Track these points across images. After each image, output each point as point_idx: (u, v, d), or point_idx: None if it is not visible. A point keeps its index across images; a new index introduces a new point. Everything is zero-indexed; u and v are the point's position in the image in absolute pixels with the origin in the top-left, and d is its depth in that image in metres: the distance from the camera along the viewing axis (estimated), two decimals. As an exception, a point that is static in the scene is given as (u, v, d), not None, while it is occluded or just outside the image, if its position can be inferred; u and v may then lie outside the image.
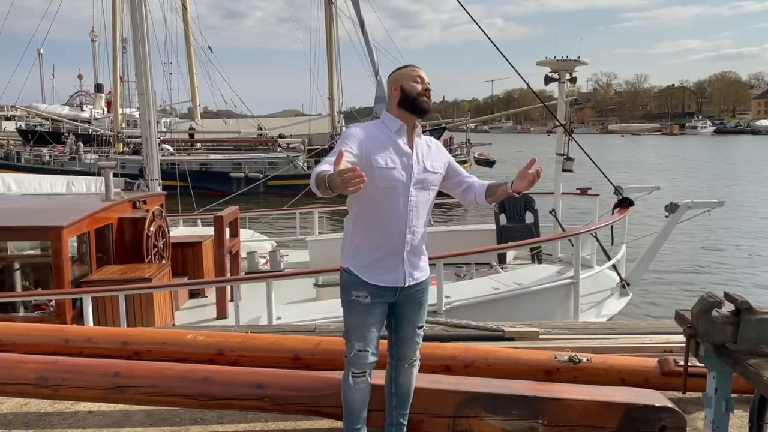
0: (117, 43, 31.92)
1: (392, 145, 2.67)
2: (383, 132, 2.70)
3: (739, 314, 2.29)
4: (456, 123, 39.11)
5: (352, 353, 2.70)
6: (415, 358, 2.85)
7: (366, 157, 2.58)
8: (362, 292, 2.67)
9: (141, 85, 10.25)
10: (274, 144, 31.40)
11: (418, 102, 2.69)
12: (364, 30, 11.98)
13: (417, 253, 2.77)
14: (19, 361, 3.28)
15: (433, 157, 2.78)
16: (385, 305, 2.72)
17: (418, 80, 2.72)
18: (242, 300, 6.08)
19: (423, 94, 2.71)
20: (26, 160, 31.98)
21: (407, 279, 2.72)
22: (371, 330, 2.68)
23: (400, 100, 2.71)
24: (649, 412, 2.89)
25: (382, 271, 2.68)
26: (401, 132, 2.70)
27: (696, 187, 29.52)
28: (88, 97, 55.85)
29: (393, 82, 2.76)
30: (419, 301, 2.80)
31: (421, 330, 2.86)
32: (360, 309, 2.68)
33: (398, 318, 2.80)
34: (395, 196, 2.65)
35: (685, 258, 14.44)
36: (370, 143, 2.62)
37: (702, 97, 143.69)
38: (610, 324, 5.25)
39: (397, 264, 2.70)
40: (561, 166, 8.85)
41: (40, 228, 6.17)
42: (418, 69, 2.78)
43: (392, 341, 2.84)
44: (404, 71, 2.78)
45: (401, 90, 2.71)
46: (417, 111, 2.71)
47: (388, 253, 2.68)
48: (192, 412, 3.50)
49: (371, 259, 2.69)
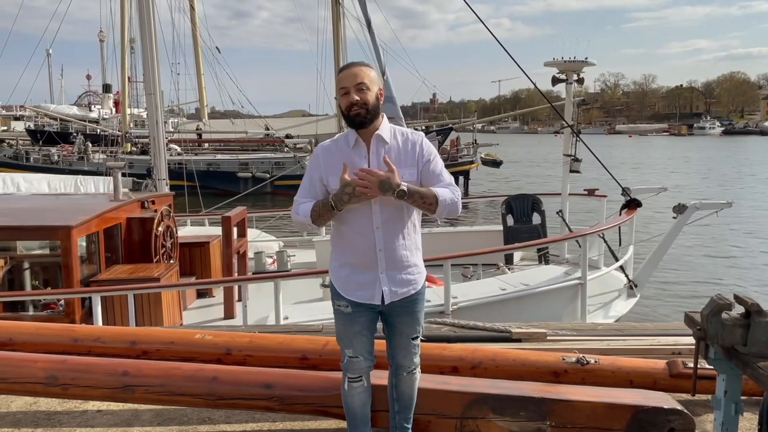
0: (125, 44, 32.00)
1: (347, 163, 2.49)
2: (342, 149, 2.58)
3: (749, 316, 2.27)
4: (463, 123, 39.12)
5: (345, 359, 2.69)
6: (412, 366, 2.75)
7: (325, 180, 2.57)
8: (343, 302, 2.63)
9: (149, 85, 10.29)
10: (281, 144, 31.45)
11: (350, 118, 2.51)
12: (371, 30, 11.95)
13: (400, 268, 2.61)
14: (29, 360, 3.30)
15: (402, 162, 2.54)
16: (370, 313, 2.64)
17: (344, 91, 2.51)
18: (249, 300, 6.10)
19: (350, 108, 2.49)
20: (35, 160, 32.21)
21: (388, 296, 2.59)
22: (358, 337, 2.63)
23: (343, 118, 2.58)
24: (658, 415, 2.88)
25: (357, 287, 2.60)
26: (358, 146, 2.56)
27: (704, 188, 29.37)
28: (96, 97, 56.14)
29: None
30: (411, 312, 2.67)
31: (417, 340, 2.74)
32: (343, 318, 2.65)
33: (390, 328, 2.71)
34: (357, 217, 2.54)
35: (694, 259, 14.37)
36: (327, 165, 2.56)
37: (710, 97, 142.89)
38: (618, 325, 5.23)
39: (373, 281, 2.58)
40: (568, 167, 8.84)
41: (49, 228, 6.21)
42: (346, 72, 2.54)
43: (388, 350, 2.78)
44: (337, 80, 2.57)
45: (339, 107, 2.61)
46: (354, 126, 2.53)
47: (362, 271, 2.59)
48: (200, 411, 3.51)
49: (345, 274, 2.63)
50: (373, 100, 2.51)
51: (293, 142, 31.70)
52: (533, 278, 7.12)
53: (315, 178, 2.60)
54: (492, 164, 33.26)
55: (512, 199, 9.62)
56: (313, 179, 2.61)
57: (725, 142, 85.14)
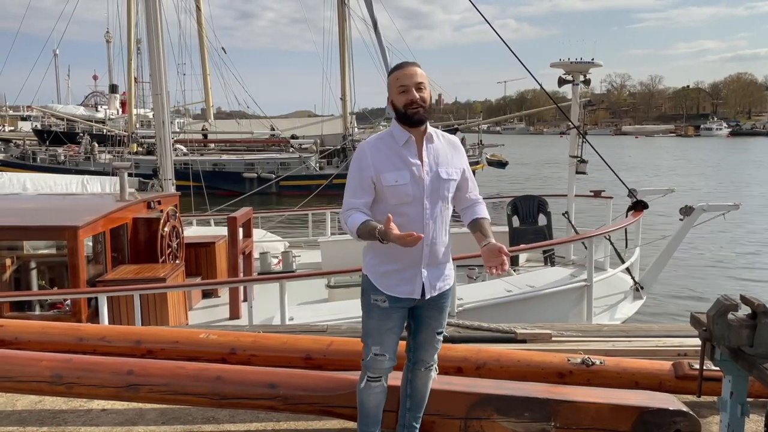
0: (131, 45, 32.11)
1: (401, 160, 2.56)
2: (391, 146, 2.59)
3: (755, 318, 2.26)
4: (468, 124, 39.04)
5: (369, 356, 2.65)
6: (432, 362, 2.79)
7: (376, 177, 2.55)
8: (380, 296, 2.62)
9: (155, 85, 10.33)
10: (287, 144, 31.51)
11: (408, 117, 2.54)
12: (377, 31, 11.98)
13: (438, 264, 2.67)
14: (34, 359, 3.31)
15: (449, 161, 2.64)
16: (404, 310, 2.67)
17: (403, 89, 2.53)
18: (255, 300, 6.10)
19: (410, 105, 2.52)
20: (42, 160, 32.32)
21: (428, 291, 2.63)
22: (389, 335, 2.63)
23: (396, 116, 2.59)
24: (663, 416, 2.86)
25: (398, 283, 2.61)
26: (409, 143, 2.58)
27: (711, 190, 29.25)
28: (102, 97, 56.41)
29: (388, 91, 2.60)
30: (441, 307, 2.72)
31: (441, 335, 2.78)
32: (378, 313, 2.63)
33: (418, 322, 2.73)
34: (409, 211, 2.56)
35: (701, 261, 14.31)
36: (378, 161, 2.55)
37: (717, 98, 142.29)
38: (623, 327, 5.21)
39: (414, 276, 2.61)
40: (574, 168, 8.81)
41: (56, 228, 6.23)
42: (405, 71, 2.56)
43: (410, 344, 2.79)
44: (391, 79, 2.59)
45: (392, 105, 2.58)
46: (411, 124, 2.56)
47: (405, 266, 2.60)
48: (204, 411, 3.52)
49: (386, 270, 2.62)
50: (429, 100, 2.58)
51: (299, 142, 31.74)
52: (539, 280, 7.11)
53: (365, 176, 2.56)
54: (498, 165, 33.21)
55: (518, 200, 9.61)
56: (363, 177, 2.56)
57: (732, 143, 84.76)
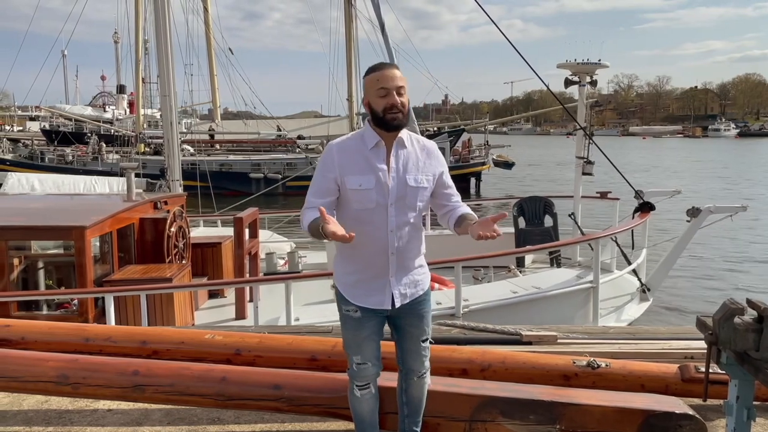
0: (139, 45, 32.25)
1: (367, 163, 2.47)
2: (359, 148, 2.50)
3: (761, 321, 2.25)
4: (475, 124, 39.06)
5: (352, 366, 2.64)
6: (423, 370, 2.73)
7: (341, 179, 2.48)
8: (351, 307, 2.58)
9: (163, 86, 10.36)
10: (293, 145, 31.56)
11: (386, 121, 2.43)
12: (384, 32, 11.95)
13: (408, 271, 2.60)
14: (40, 359, 3.32)
15: (420, 168, 2.54)
16: (379, 318, 2.61)
17: (383, 93, 2.41)
18: (261, 301, 6.12)
19: (390, 110, 2.41)
20: (50, 160, 32.53)
21: (398, 300, 2.57)
22: (367, 343, 2.60)
23: (372, 118, 2.49)
24: (669, 419, 2.85)
25: (367, 292, 2.56)
26: (378, 147, 2.49)
27: (718, 191, 29.09)
28: (110, 98, 56.66)
29: (365, 92, 2.48)
30: (419, 314, 2.65)
31: (427, 342, 2.71)
32: (352, 323, 2.59)
33: (399, 331, 2.68)
34: (373, 218, 2.49)
35: (707, 263, 14.23)
36: (345, 163, 2.48)
37: (725, 99, 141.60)
38: (629, 329, 5.19)
39: (383, 286, 2.55)
40: (581, 169, 8.79)
41: (63, 228, 6.26)
42: (385, 73, 2.44)
43: (398, 354, 2.75)
44: (368, 80, 2.46)
45: (369, 107, 2.47)
46: (388, 129, 2.46)
47: (372, 276, 2.55)
48: (209, 411, 3.53)
49: (354, 280, 2.57)
50: (408, 105, 2.50)
51: (305, 142, 31.78)
52: (545, 281, 7.09)
53: (329, 177, 2.50)
54: (504, 165, 33.15)
55: (524, 202, 9.59)
56: (326, 178, 2.51)
57: (740, 144, 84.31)
